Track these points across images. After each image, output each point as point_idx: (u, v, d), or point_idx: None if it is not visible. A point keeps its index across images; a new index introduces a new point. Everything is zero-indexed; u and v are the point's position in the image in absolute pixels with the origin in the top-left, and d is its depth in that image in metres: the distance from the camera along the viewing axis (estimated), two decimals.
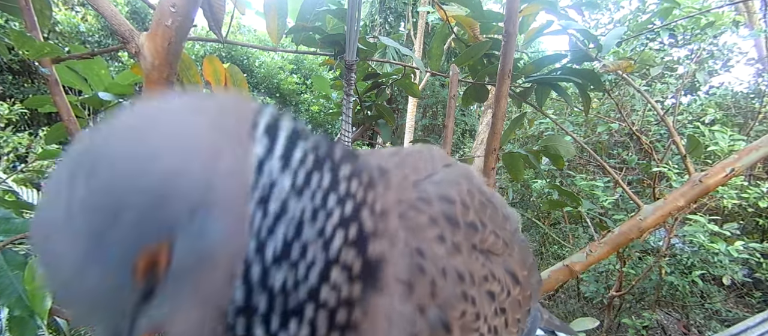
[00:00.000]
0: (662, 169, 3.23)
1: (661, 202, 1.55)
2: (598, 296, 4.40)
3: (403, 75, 1.83)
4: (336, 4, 1.55)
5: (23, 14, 1.10)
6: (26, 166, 4.66)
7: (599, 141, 5.01)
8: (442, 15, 1.70)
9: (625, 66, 1.72)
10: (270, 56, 8.98)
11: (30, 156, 5.40)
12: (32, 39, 1.04)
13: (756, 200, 3.52)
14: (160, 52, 0.95)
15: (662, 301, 4.35)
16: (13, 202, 1.24)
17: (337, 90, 2.10)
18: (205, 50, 7.70)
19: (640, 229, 1.53)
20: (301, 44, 1.59)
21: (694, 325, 4.33)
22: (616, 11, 5.61)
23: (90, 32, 7.48)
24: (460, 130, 10.22)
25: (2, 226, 0.95)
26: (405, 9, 9.47)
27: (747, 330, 1.83)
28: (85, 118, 1.44)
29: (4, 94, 6.82)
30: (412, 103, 7.64)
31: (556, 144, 1.73)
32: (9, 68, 6.96)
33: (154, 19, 0.95)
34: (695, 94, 5.19)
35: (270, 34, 1.47)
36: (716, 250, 3.37)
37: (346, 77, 1.44)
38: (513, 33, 1.32)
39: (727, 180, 1.54)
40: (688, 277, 3.88)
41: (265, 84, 9.04)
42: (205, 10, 1.20)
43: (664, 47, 4.66)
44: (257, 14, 1.69)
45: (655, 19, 2.59)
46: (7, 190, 2.72)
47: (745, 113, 5.07)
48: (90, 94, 1.39)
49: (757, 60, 5.37)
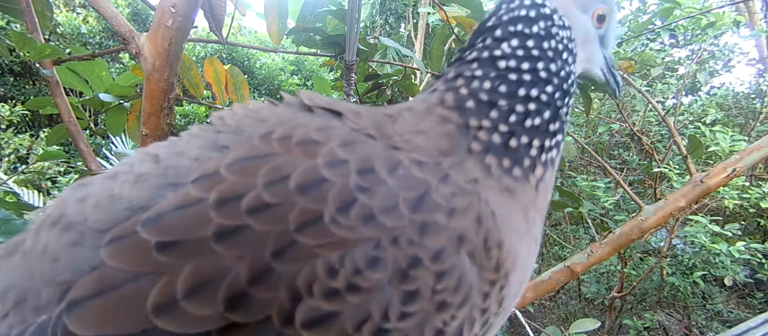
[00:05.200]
0: (663, 170, 3.23)
1: (663, 203, 1.55)
2: (600, 297, 4.39)
3: (403, 76, 1.83)
4: (336, 5, 1.55)
5: (24, 16, 1.10)
6: (27, 167, 4.67)
7: (600, 141, 5.01)
8: (442, 16, 1.70)
9: (626, 66, 1.72)
10: (271, 57, 9.00)
11: (31, 157, 5.41)
12: (33, 41, 1.05)
13: (757, 201, 3.51)
14: (161, 53, 0.95)
15: (664, 301, 4.34)
16: (13, 203, 1.24)
17: (338, 91, 2.11)
18: (205, 51, 7.72)
19: (642, 229, 1.53)
20: (301, 45, 1.59)
21: (695, 326, 4.32)
22: (617, 11, 5.61)
23: (91, 34, 7.50)
24: None
25: (2, 228, 0.95)
26: (405, 10, 9.49)
27: (749, 331, 1.82)
28: (86, 119, 1.45)
29: (6, 96, 6.84)
30: None
31: None
32: (10, 70, 6.99)
33: (155, 20, 0.95)
34: (696, 95, 5.19)
35: (271, 36, 1.47)
36: (718, 251, 3.36)
37: (347, 78, 1.44)
38: None
39: (728, 180, 1.54)
40: (690, 278, 3.87)
41: (266, 85, 9.05)
42: (206, 11, 1.20)
43: (665, 47, 4.66)
44: (258, 15, 1.69)
45: (655, 20, 2.59)
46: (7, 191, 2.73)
47: (746, 113, 5.06)
48: (91, 95, 1.39)
49: (758, 60, 5.36)
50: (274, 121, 0.48)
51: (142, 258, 0.39)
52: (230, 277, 0.37)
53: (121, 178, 0.46)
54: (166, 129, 1.04)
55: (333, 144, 0.44)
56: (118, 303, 0.38)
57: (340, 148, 0.43)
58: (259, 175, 0.41)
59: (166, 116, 1.03)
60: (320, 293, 0.38)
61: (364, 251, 0.39)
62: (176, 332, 0.37)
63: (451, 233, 0.41)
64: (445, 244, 0.41)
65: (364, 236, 0.39)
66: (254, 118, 0.50)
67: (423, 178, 0.43)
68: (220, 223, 0.39)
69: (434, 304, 0.41)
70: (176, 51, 0.97)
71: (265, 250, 0.38)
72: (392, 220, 0.40)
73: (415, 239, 0.40)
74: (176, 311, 0.37)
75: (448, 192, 0.43)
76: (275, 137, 0.45)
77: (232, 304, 0.37)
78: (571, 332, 1.45)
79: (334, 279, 0.38)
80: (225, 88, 1.46)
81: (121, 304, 0.38)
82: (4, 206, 1.09)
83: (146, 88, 1.00)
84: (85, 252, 0.42)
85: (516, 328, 4.47)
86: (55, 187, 4.91)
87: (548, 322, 4.76)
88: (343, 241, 0.39)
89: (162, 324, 0.37)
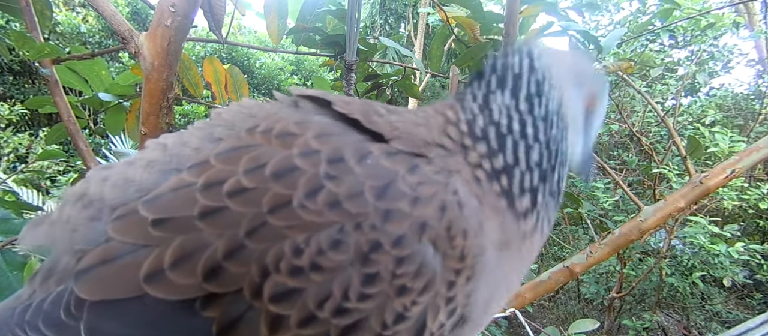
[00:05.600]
0: (662, 171, 3.23)
1: (662, 204, 1.55)
2: (599, 297, 4.39)
3: (403, 76, 1.83)
4: (336, 5, 1.55)
5: (24, 15, 1.10)
6: (26, 166, 4.66)
7: (599, 142, 5.01)
8: (442, 16, 1.70)
9: (626, 67, 1.72)
10: (270, 57, 8.99)
11: (30, 156, 5.41)
12: (33, 40, 1.04)
13: (756, 202, 3.51)
14: (160, 53, 0.95)
15: (663, 302, 4.34)
16: (12, 202, 1.24)
17: (338, 91, 2.11)
18: (205, 51, 7.71)
19: (641, 230, 1.53)
20: (301, 45, 1.59)
21: (694, 327, 4.33)
22: (617, 12, 5.62)
23: (91, 33, 7.50)
24: None
25: (1, 227, 0.95)
26: (405, 10, 9.49)
27: (748, 332, 1.83)
28: (85, 118, 1.44)
29: (5, 95, 6.84)
30: (412, 104, 7.65)
31: None
32: (9, 69, 6.98)
33: (154, 20, 0.95)
34: (695, 96, 5.19)
35: (270, 35, 1.47)
36: (717, 252, 3.36)
37: (346, 78, 1.44)
38: (513, 34, 1.32)
39: (727, 181, 1.54)
40: (689, 279, 3.88)
41: (266, 85, 9.06)
42: (206, 10, 1.20)
43: (665, 48, 4.66)
44: (258, 15, 1.69)
45: (655, 21, 2.59)
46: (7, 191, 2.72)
47: (745, 114, 5.07)
48: (90, 94, 1.39)
49: (758, 61, 5.37)
50: (261, 116, 0.53)
51: (140, 232, 0.43)
52: (209, 251, 0.41)
53: (136, 164, 0.51)
54: (166, 128, 1.04)
55: (308, 135, 0.47)
56: (118, 271, 0.43)
57: (313, 138, 0.47)
58: (241, 163, 0.45)
59: (166, 115, 1.03)
60: (286, 270, 0.41)
61: (328, 234, 0.42)
62: (164, 299, 0.41)
63: (413, 220, 0.43)
64: (407, 230, 0.43)
65: (329, 220, 0.42)
66: (245, 113, 0.55)
67: (391, 168, 0.46)
68: (204, 204, 0.43)
69: (394, 288, 0.43)
70: (175, 50, 0.97)
71: (240, 229, 0.42)
72: (356, 206, 0.43)
73: (377, 225, 0.42)
74: (163, 280, 0.41)
75: (414, 181, 0.45)
76: (259, 130, 0.49)
77: (209, 275, 0.41)
78: (570, 332, 1.45)
79: (299, 258, 0.41)
80: (224, 87, 1.46)
81: (120, 273, 0.43)
82: (4, 205, 1.09)
83: (145, 88, 1.00)
84: (101, 226, 0.47)
85: (515, 328, 4.48)
86: (54, 186, 4.90)
87: (547, 322, 4.76)
88: (310, 224, 0.42)
89: (151, 291, 0.41)
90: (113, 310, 0.42)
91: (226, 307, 0.42)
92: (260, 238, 0.42)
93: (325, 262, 0.41)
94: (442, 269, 0.45)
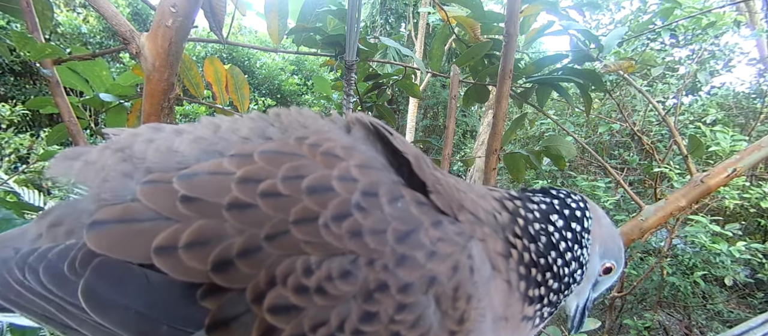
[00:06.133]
0: (664, 170, 3.23)
1: (663, 203, 1.55)
2: (600, 297, 4.39)
3: (403, 76, 1.83)
4: (336, 5, 1.55)
5: (25, 16, 1.10)
6: (27, 167, 4.67)
7: (600, 141, 5.01)
8: (442, 16, 1.70)
9: (627, 66, 1.72)
10: (271, 57, 9.00)
11: (31, 157, 5.42)
12: (34, 40, 1.04)
13: (758, 201, 3.51)
14: (161, 53, 0.95)
15: (664, 301, 4.34)
16: (14, 203, 1.24)
17: (338, 91, 2.11)
18: (206, 51, 7.72)
19: (642, 229, 1.52)
20: (301, 45, 1.59)
21: (696, 326, 4.32)
22: (617, 11, 5.61)
23: (92, 33, 7.51)
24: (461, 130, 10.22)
25: (3, 227, 0.95)
26: (406, 10, 9.49)
27: (749, 331, 1.82)
28: (86, 119, 1.44)
29: (6, 96, 6.85)
30: (413, 103, 7.65)
31: (557, 144, 1.72)
32: (11, 70, 6.99)
33: (155, 20, 0.95)
34: (697, 95, 5.18)
35: (271, 35, 1.47)
36: (718, 251, 3.36)
37: (347, 78, 1.44)
38: (514, 33, 1.32)
39: (728, 180, 1.54)
40: (690, 278, 3.88)
41: (267, 85, 9.06)
42: (206, 11, 1.20)
43: (666, 47, 4.65)
44: (258, 15, 1.69)
45: (656, 20, 2.59)
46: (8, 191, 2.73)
47: (746, 113, 5.06)
48: (91, 95, 1.39)
49: (759, 60, 5.36)
50: (313, 129, 0.54)
51: (167, 204, 0.44)
52: (226, 243, 0.42)
53: (184, 136, 0.52)
54: None
55: (351, 162, 0.48)
56: (133, 234, 0.43)
57: (355, 167, 0.48)
58: (282, 168, 0.46)
59: (167, 116, 1.03)
60: (292, 286, 0.42)
61: (340, 262, 0.43)
62: (168, 280, 0.41)
63: (424, 272, 0.44)
64: (416, 280, 0.44)
65: (347, 248, 0.43)
66: (300, 122, 0.57)
67: (417, 216, 0.47)
68: (235, 196, 0.43)
69: (389, 332, 0.43)
70: (176, 51, 0.97)
71: (262, 230, 0.42)
72: (376, 242, 0.44)
73: (389, 266, 0.43)
74: (173, 256, 0.41)
75: (435, 236, 0.46)
76: (307, 142, 0.50)
77: (219, 267, 0.41)
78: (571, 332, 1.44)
79: (307, 278, 0.42)
80: (225, 87, 1.46)
81: (134, 236, 0.43)
82: (5, 206, 1.09)
83: (146, 88, 1.00)
84: (132, 184, 0.47)
85: None
86: (55, 186, 4.91)
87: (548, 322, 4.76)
88: (327, 246, 0.43)
89: (158, 263, 0.41)
90: (116, 275, 0.42)
91: (225, 303, 0.42)
92: (278, 244, 0.42)
93: (330, 289, 0.42)
94: (439, 327, 0.46)
